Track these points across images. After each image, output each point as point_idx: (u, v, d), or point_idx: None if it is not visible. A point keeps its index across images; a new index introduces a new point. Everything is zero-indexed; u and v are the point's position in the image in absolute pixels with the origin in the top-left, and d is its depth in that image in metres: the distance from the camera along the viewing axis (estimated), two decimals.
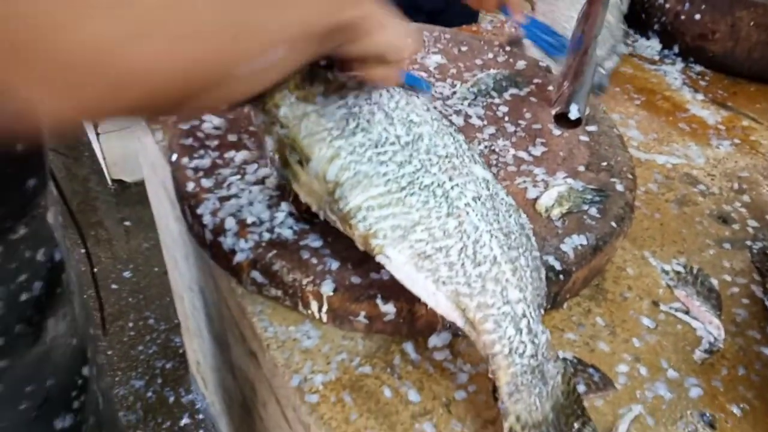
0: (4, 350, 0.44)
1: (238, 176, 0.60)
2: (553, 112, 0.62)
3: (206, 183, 0.58)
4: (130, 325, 1.53)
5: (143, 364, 1.44)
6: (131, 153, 1.76)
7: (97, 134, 1.82)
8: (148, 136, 0.76)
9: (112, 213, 1.89)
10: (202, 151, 0.61)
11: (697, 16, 1.03)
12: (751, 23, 0.99)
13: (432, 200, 0.45)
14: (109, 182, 1.96)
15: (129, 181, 1.94)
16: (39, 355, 0.46)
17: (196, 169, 0.59)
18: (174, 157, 0.61)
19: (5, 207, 0.42)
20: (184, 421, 1.33)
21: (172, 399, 1.36)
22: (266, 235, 0.54)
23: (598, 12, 0.73)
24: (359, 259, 0.52)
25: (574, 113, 0.61)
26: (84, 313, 0.52)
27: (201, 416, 1.34)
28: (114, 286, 1.63)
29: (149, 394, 1.38)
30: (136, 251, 1.75)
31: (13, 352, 0.44)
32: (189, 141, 0.62)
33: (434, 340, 0.53)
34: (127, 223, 1.85)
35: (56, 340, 0.48)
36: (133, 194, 1.91)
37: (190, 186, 0.58)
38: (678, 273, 0.64)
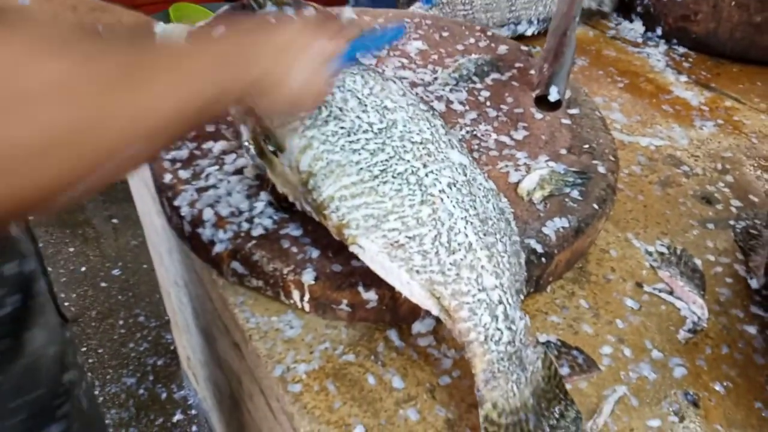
0: None
1: (216, 167, 0.59)
2: (533, 94, 0.62)
3: (184, 174, 0.58)
4: (120, 322, 1.51)
5: (134, 361, 1.43)
6: None
7: None
8: None
9: (99, 211, 1.87)
10: (179, 143, 0.60)
11: None
12: (733, 3, 0.99)
13: (405, 188, 0.45)
14: None
15: None
16: (23, 369, 0.46)
17: (173, 161, 0.59)
18: None
19: None
20: (177, 417, 1.32)
21: (164, 395, 1.36)
22: (245, 225, 0.54)
23: None
24: (340, 246, 0.52)
25: (553, 95, 0.61)
26: (58, 319, 0.52)
27: (193, 412, 1.33)
28: (103, 284, 1.62)
29: (141, 391, 1.37)
30: (125, 249, 1.73)
31: None
32: None
33: (418, 327, 0.53)
34: (114, 221, 1.83)
35: (38, 351, 0.47)
36: (120, 191, 1.89)
37: (168, 178, 0.57)
38: (662, 254, 0.64)
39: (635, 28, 1.10)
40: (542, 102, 0.62)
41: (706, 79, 0.99)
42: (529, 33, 0.98)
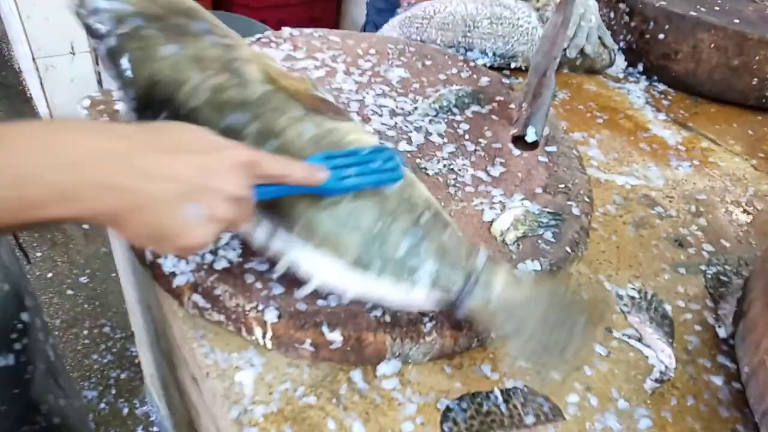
0: None
1: None
2: (511, 133, 0.61)
3: None
4: (85, 332, 1.47)
5: (97, 373, 1.39)
6: None
7: None
8: None
9: None
10: None
11: (661, 36, 1.04)
12: (711, 45, 1.00)
13: None
14: None
15: None
16: None
17: None
18: None
19: None
20: None
21: (126, 410, 1.32)
22: (209, 257, 0.52)
23: (558, 34, 0.73)
24: (304, 284, 0.50)
25: (531, 136, 0.60)
26: (16, 262, 0.49)
27: (155, 429, 1.29)
28: (69, 292, 1.57)
29: (102, 405, 1.33)
30: (94, 256, 1.69)
31: None
32: None
33: (383, 368, 0.52)
34: (85, 226, 1.79)
35: None
36: None
37: None
38: (632, 298, 0.64)
39: (617, 63, 1.11)
40: (519, 141, 0.62)
41: (684, 119, 1.00)
42: (479, 62, 0.97)
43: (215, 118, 0.48)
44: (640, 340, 0.60)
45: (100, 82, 1.67)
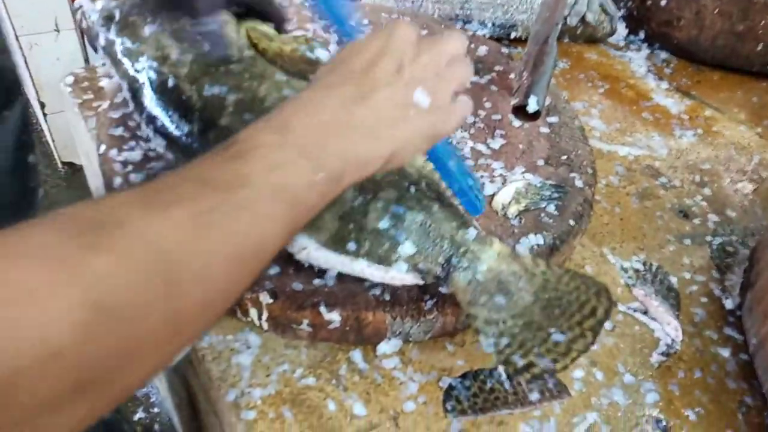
0: None
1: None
2: (512, 104, 0.59)
3: (135, 179, 0.53)
4: None
5: None
6: None
7: (44, 114, 1.73)
8: (80, 122, 0.70)
9: (62, 197, 1.80)
10: (132, 143, 0.56)
11: (663, 2, 1.01)
12: (716, 11, 0.97)
13: None
14: (59, 165, 1.86)
15: (80, 164, 1.84)
16: None
17: (125, 163, 0.55)
18: (102, 148, 0.56)
19: None
20: (139, 415, 1.28)
21: None
22: None
23: (558, 0, 0.70)
24: (301, 263, 0.49)
25: (532, 106, 0.58)
26: None
27: (156, 410, 1.29)
28: None
29: None
30: None
31: None
32: (119, 131, 0.57)
33: (383, 347, 0.50)
34: None
35: None
36: (85, 177, 1.82)
37: (118, 182, 0.53)
38: (637, 271, 0.62)
39: (618, 31, 1.08)
40: (520, 112, 0.59)
41: (687, 87, 0.97)
42: (479, 33, 0.94)
43: (198, 89, 0.47)
44: (645, 313, 0.58)
45: (87, 59, 1.63)
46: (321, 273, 0.49)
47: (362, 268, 0.47)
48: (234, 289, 0.29)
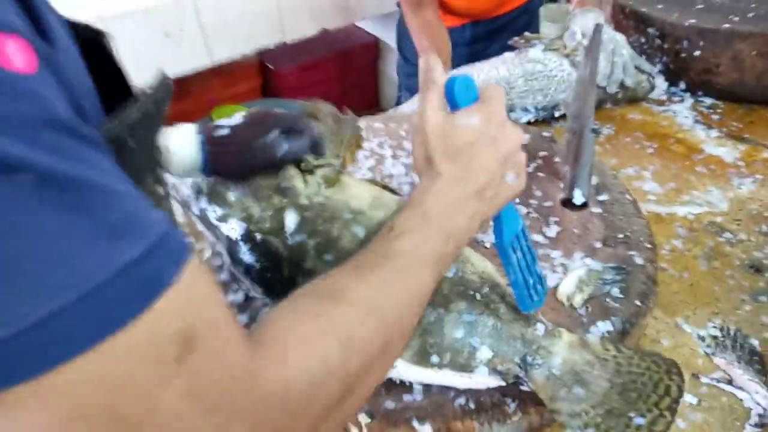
0: None
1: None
2: (559, 199, 0.64)
3: (241, 319, 0.62)
4: None
5: None
6: None
7: None
8: None
9: None
10: (235, 286, 0.65)
11: (697, 53, 1.04)
12: (754, 53, 0.99)
13: None
14: None
15: None
16: None
17: (230, 305, 0.63)
18: None
19: None
20: None
21: None
22: None
23: (588, 92, 0.75)
24: (389, 381, 0.54)
25: (578, 198, 0.63)
26: None
27: None
28: None
29: None
30: None
31: None
32: (223, 276, 0.67)
33: None
34: None
35: None
36: None
37: None
38: (715, 338, 0.63)
39: (658, 86, 1.11)
40: (569, 204, 0.64)
41: (739, 131, 0.98)
42: (523, 120, 0.99)
43: (282, 240, 0.55)
44: (730, 382, 0.59)
45: None
46: (409, 389, 0.54)
47: (449, 377, 0.52)
48: (408, 328, 0.42)
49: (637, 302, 0.60)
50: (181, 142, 0.55)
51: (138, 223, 0.25)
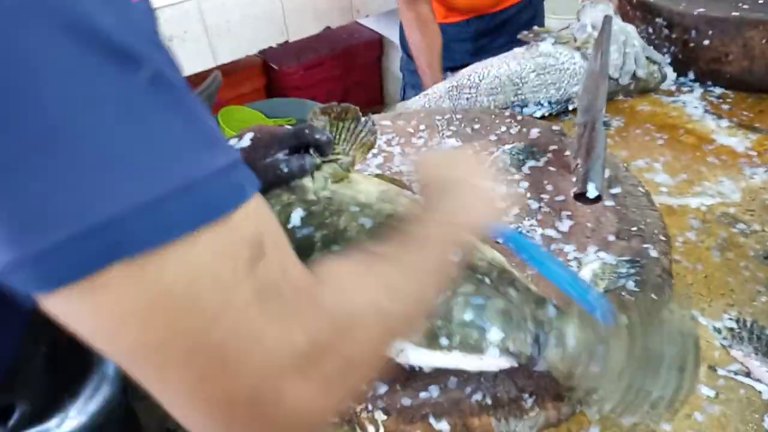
0: None
1: None
2: (572, 192, 0.63)
3: None
4: None
5: None
6: None
7: None
8: None
9: None
10: None
11: (706, 42, 1.03)
12: (764, 41, 0.98)
13: None
14: None
15: None
16: None
17: None
18: None
19: None
20: None
21: None
22: None
23: (599, 85, 0.74)
24: (405, 378, 0.54)
25: (592, 192, 0.62)
26: None
27: None
28: None
29: None
30: None
31: None
32: None
33: None
34: None
35: None
36: None
37: None
38: (731, 330, 0.63)
39: (668, 76, 1.10)
40: (581, 198, 0.63)
41: (750, 120, 0.97)
42: (537, 114, 0.99)
43: (292, 234, 0.55)
44: (748, 374, 0.58)
45: None
46: (426, 386, 0.54)
47: (458, 359, 0.51)
48: (430, 304, 0.43)
49: (653, 295, 0.60)
50: None
51: (223, 140, 0.28)
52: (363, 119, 0.62)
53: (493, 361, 0.51)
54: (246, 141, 0.60)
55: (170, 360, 0.27)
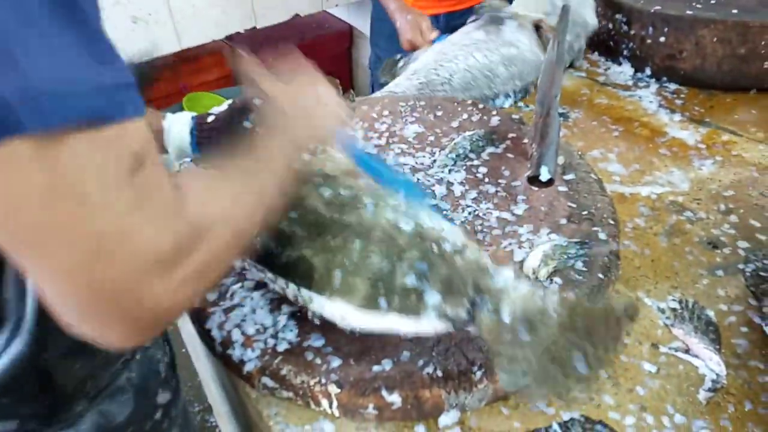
0: None
1: (239, 284, 0.63)
2: (525, 176, 0.65)
3: (211, 296, 0.62)
4: None
5: None
6: None
7: None
8: None
9: None
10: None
11: (662, 39, 1.07)
12: (714, 39, 1.02)
13: None
14: None
15: None
16: None
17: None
18: None
19: None
20: None
21: None
22: (271, 341, 0.57)
23: (554, 73, 0.76)
24: (359, 352, 0.55)
25: (545, 175, 0.64)
26: None
27: None
28: None
29: None
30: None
31: None
32: None
33: (444, 420, 0.55)
34: None
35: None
36: None
37: (197, 301, 0.61)
38: (674, 310, 0.66)
39: (624, 71, 1.14)
40: (535, 181, 0.65)
41: (701, 115, 1.01)
42: (506, 105, 1.01)
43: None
44: (687, 351, 0.61)
45: None
46: (379, 360, 0.55)
47: (395, 321, 0.51)
48: (259, 221, 0.45)
49: (600, 275, 0.62)
50: (178, 126, 0.70)
51: (117, 64, 0.31)
52: (344, 94, 0.64)
53: (429, 324, 0.51)
54: (223, 106, 0.68)
55: (56, 242, 0.30)
